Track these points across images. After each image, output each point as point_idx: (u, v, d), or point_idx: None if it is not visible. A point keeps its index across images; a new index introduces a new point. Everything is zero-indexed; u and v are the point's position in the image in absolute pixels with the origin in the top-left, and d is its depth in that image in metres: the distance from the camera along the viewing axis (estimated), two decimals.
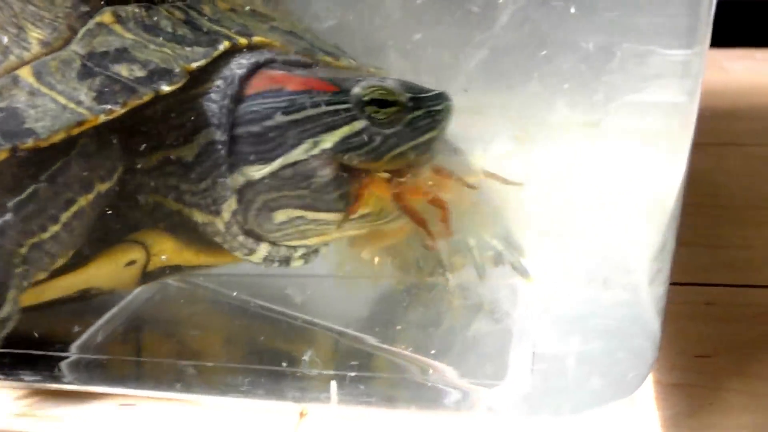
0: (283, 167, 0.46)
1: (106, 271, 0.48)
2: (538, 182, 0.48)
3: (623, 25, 0.47)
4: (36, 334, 0.51)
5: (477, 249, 0.52)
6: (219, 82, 0.46)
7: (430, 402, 0.49)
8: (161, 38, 0.46)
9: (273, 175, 0.46)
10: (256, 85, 0.47)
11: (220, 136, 0.46)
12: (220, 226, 0.48)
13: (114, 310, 0.54)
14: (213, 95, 0.46)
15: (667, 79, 0.47)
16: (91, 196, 0.46)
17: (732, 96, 1.14)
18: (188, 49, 0.46)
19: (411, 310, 0.53)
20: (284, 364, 0.50)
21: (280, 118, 0.46)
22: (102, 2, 0.46)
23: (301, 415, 0.50)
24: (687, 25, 0.46)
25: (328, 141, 0.45)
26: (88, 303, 0.51)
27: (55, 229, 0.45)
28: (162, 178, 0.48)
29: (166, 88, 0.44)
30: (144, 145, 0.47)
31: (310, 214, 0.47)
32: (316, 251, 0.50)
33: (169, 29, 0.47)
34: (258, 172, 0.46)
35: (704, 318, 0.60)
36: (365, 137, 0.45)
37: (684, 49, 0.47)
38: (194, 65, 0.45)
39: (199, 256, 0.49)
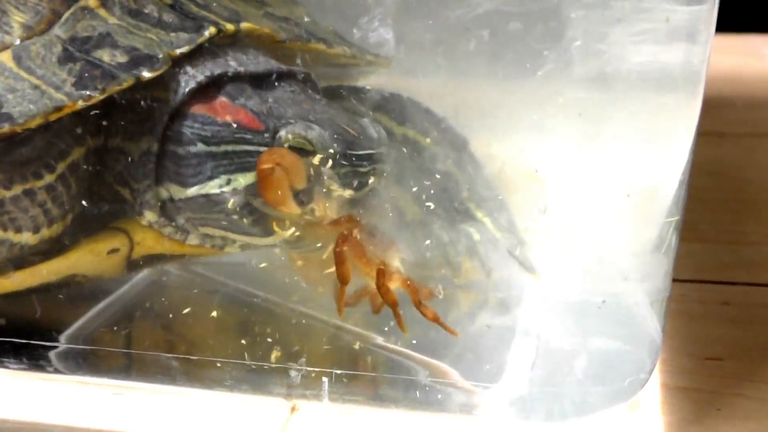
0: (199, 196, 0.45)
1: (88, 258, 0.48)
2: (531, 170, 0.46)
3: None
4: (23, 322, 0.50)
5: (483, 244, 0.51)
6: (171, 90, 0.45)
7: (424, 402, 0.48)
8: (146, 23, 0.45)
9: (190, 199, 0.46)
10: (194, 105, 0.45)
11: (155, 147, 0.46)
12: (144, 223, 0.47)
13: (106, 300, 0.53)
14: (162, 103, 0.45)
15: (671, 42, 0.44)
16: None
17: None
18: (173, 34, 0.45)
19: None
20: (275, 359, 0.49)
21: (201, 147, 0.45)
22: None
23: (292, 409, 0.49)
24: None
25: (242, 181, 0.44)
26: (75, 291, 0.50)
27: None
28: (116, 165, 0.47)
29: (147, 75, 0.43)
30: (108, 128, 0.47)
31: (231, 235, 0.47)
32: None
33: (155, 14, 0.45)
34: (178, 192, 0.46)
35: (719, 318, 0.58)
36: None
37: (691, 6, 0.44)
38: (178, 52, 0.44)
39: (183, 245, 0.48)
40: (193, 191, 0.45)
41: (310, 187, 0.44)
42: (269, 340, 0.50)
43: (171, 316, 0.53)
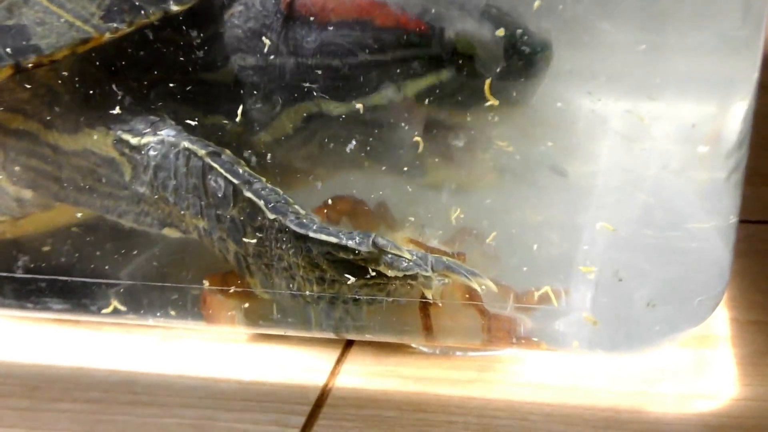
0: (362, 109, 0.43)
1: None
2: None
3: None
4: (64, 261, 0.50)
5: None
6: None
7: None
8: None
9: (348, 115, 0.44)
10: (335, 8, 0.42)
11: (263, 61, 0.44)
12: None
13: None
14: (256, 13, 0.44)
15: None
16: None
17: None
18: None
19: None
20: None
21: (363, 57, 0.42)
22: None
23: (347, 343, 0.49)
24: None
25: (412, 88, 0.43)
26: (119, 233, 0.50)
27: None
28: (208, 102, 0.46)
29: (174, 8, 0.43)
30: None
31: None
32: None
33: None
34: (336, 109, 0.44)
35: None
36: (451, 87, 0.42)
37: None
38: None
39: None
40: (355, 104, 0.43)
41: None
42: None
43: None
